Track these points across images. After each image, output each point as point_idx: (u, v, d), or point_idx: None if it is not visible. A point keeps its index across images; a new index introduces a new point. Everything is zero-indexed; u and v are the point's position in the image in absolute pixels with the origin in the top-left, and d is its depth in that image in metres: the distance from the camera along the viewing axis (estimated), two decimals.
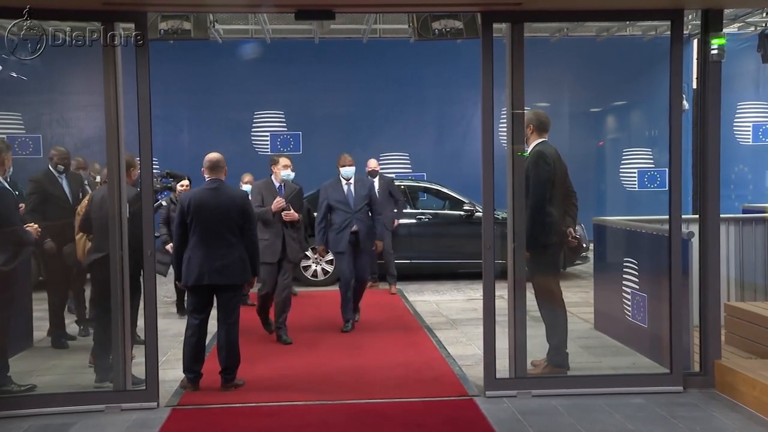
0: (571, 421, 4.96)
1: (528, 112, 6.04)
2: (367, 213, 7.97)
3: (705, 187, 5.72)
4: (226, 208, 5.70)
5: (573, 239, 6.19)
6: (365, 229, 7.90)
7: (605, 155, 15.17)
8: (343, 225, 7.83)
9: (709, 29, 5.66)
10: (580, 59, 14.11)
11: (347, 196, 7.91)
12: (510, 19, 5.59)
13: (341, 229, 7.83)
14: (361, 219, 7.87)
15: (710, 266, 5.71)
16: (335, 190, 7.95)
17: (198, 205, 5.72)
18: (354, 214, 7.84)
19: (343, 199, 7.89)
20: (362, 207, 7.90)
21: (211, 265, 5.64)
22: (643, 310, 6.54)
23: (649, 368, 6.05)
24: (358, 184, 7.99)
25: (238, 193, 5.99)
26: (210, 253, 5.65)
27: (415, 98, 14.21)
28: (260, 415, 5.15)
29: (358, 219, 7.85)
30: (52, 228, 6.60)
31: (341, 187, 7.95)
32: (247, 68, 14.31)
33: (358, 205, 7.88)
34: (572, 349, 7.01)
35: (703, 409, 5.19)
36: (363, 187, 8.02)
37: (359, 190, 7.95)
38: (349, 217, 7.83)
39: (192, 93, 14.24)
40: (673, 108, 5.67)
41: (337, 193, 7.91)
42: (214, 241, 5.67)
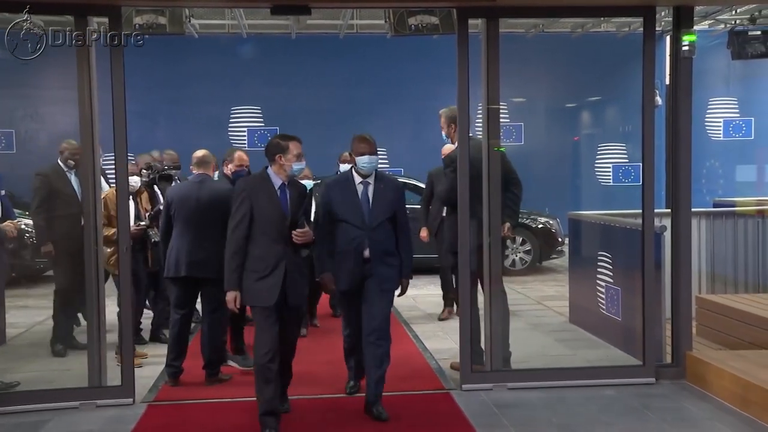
0: (546, 414, 5.00)
1: (448, 109, 6.01)
2: (389, 232, 5.10)
3: (677, 182, 5.78)
4: (209, 202, 5.67)
5: (506, 235, 5.87)
6: (383, 256, 5.04)
7: (580, 150, 15.28)
8: (348, 248, 5.03)
9: (681, 26, 5.70)
10: (556, 55, 14.19)
11: (361, 202, 5.07)
12: (485, 14, 5.61)
13: (345, 254, 5.04)
14: (379, 240, 5.03)
15: (682, 260, 5.77)
16: (343, 191, 5.12)
17: (181, 199, 5.75)
18: (368, 232, 5.02)
19: (354, 206, 5.06)
20: (383, 221, 5.07)
21: (190, 258, 5.63)
22: (617, 303, 6.60)
23: (622, 360, 6.11)
24: (381, 184, 5.14)
25: (223, 187, 5.91)
26: (190, 246, 5.64)
27: (392, 94, 14.20)
28: (238, 411, 5.13)
29: (374, 240, 5.01)
30: (60, 226, 6.23)
31: (352, 188, 5.10)
32: (224, 63, 14.22)
33: (378, 218, 5.03)
34: (547, 342, 7.10)
35: (675, 400, 5.26)
36: (387, 189, 5.14)
37: (382, 194, 5.10)
38: (359, 236, 5.02)
39: (168, 88, 14.13)
40: (645, 104, 5.72)
41: (345, 198, 5.09)
42: (194, 234, 5.65)
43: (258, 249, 4.62)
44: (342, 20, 13.41)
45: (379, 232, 5.04)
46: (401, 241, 5.14)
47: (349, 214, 5.05)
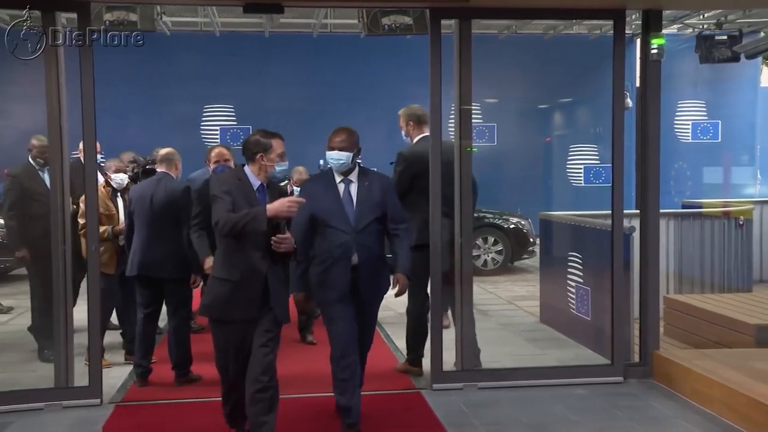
0: (516, 413, 5.02)
1: (406, 108, 6.01)
2: (378, 234, 4.61)
3: (645, 183, 5.84)
4: (163, 201, 5.60)
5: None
6: (373, 262, 4.54)
7: (553, 151, 15.39)
8: (334, 255, 4.47)
9: (650, 29, 5.77)
10: (528, 56, 14.26)
11: (344, 203, 4.53)
12: (458, 15, 5.62)
13: (331, 263, 4.48)
14: (368, 245, 4.50)
15: (650, 260, 5.83)
16: (324, 191, 4.57)
17: (138, 197, 5.70)
18: (355, 236, 4.48)
19: (337, 208, 4.51)
20: (371, 223, 4.53)
21: (143, 257, 5.58)
22: (587, 303, 6.66)
23: (592, 360, 6.16)
24: (365, 181, 4.60)
25: (180, 186, 5.82)
26: (144, 244, 5.60)
27: (365, 93, 14.19)
28: (208, 411, 5.06)
29: (362, 245, 4.49)
30: (35, 227, 5.96)
31: (334, 187, 4.57)
32: (197, 61, 14.10)
33: (364, 220, 4.50)
34: (518, 341, 7.14)
35: (642, 399, 5.32)
36: (373, 187, 4.60)
37: (367, 193, 4.56)
38: (346, 241, 4.46)
39: (140, 85, 13.97)
40: (615, 106, 5.77)
41: (326, 198, 4.54)
42: (148, 233, 5.60)
43: (230, 254, 4.07)
44: (316, 19, 13.37)
45: (368, 236, 4.51)
46: (398, 233, 4.66)
47: (332, 217, 4.45)
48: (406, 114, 6.00)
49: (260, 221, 3.93)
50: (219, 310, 4.11)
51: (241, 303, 4.05)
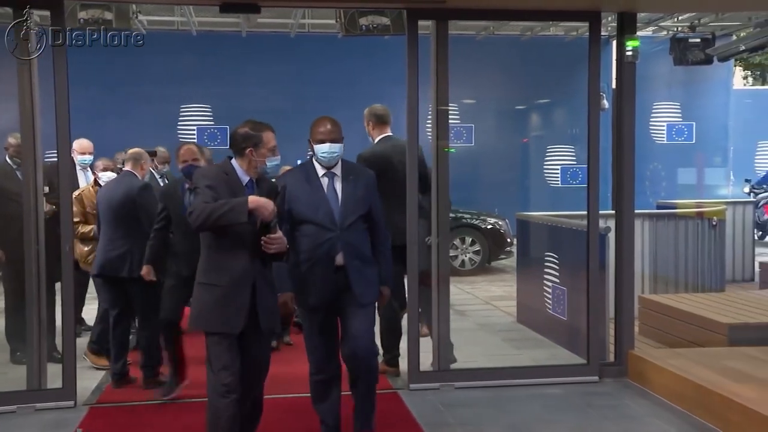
0: (492, 412, 5.05)
1: (369, 107, 5.97)
2: (365, 233, 4.29)
3: (621, 184, 5.89)
4: (119, 201, 5.52)
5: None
6: (359, 262, 4.20)
7: (530, 152, 15.47)
8: (316, 255, 4.14)
9: (624, 31, 5.82)
10: (506, 57, 14.33)
11: (328, 198, 4.21)
12: (435, 16, 5.64)
13: (313, 263, 4.15)
14: (353, 242, 4.19)
15: (625, 260, 5.89)
16: (306, 184, 4.24)
17: (101, 197, 5.67)
18: (340, 234, 4.16)
19: (320, 203, 4.18)
20: (357, 220, 4.22)
21: (102, 256, 5.55)
22: (563, 303, 6.70)
23: (568, 359, 6.21)
24: (350, 176, 4.29)
25: (137, 183, 5.64)
26: (106, 244, 5.55)
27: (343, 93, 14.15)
28: (184, 411, 5.05)
29: (347, 243, 4.16)
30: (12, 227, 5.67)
31: (316, 180, 4.25)
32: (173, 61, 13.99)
33: (350, 216, 4.19)
34: (495, 341, 7.17)
35: (617, 398, 5.37)
36: (358, 181, 4.30)
37: (352, 188, 4.25)
38: (330, 240, 4.14)
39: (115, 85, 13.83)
40: (591, 107, 5.82)
41: (308, 192, 4.21)
42: (110, 232, 5.55)
43: (217, 257, 3.71)
44: (293, 19, 13.33)
45: (353, 233, 4.18)
46: (378, 243, 4.32)
47: (314, 214, 4.12)
48: (366, 114, 5.97)
49: (239, 212, 3.54)
50: (210, 320, 3.71)
51: (229, 312, 3.68)
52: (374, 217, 4.32)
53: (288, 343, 6.75)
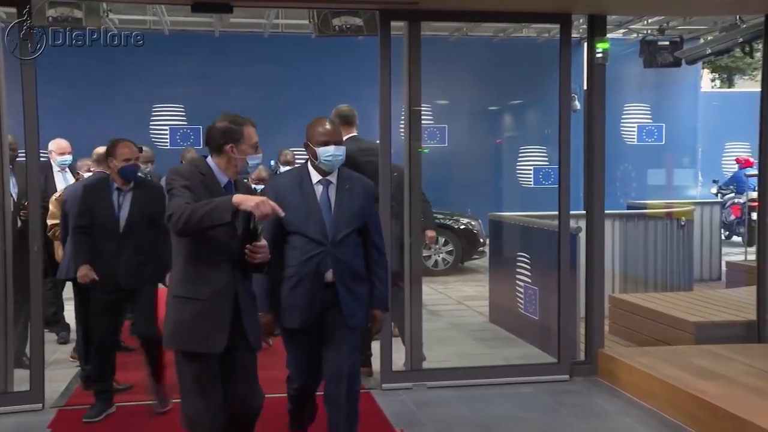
0: (464, 411, 5.07)
1: (335, 108, 5.87)
2: (358, 248, 3.88)
3: (591, 184, 5.95)
4: (69, 201, 5.35)
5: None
6: (350, 280, 3.82)
7: (503, 152, 15.56)
8: (303, 270, 3.76)
9: (595, 34, 5.88)
10: (479, 59, 14.40)
11: (321, 207, 3.80)
12: (407, 17, 5.65)
13: (299, 280, 3.77)
14: (345, 258, 3.80)
15: (596, 260, 5.94)
16: (298, 191, 3.82)
17: (68, 199, 5.44)
18: (331, 248, 3.77)
19: (311, 214, 3.78)
20: (350, 233, 3.82)
21: (67, 260, 5.43)
22: (535, 303, 6.75)
23: (539, 358, 6.25)
24: (346, 184, 3.88)
25: (82, 182, 5.42)
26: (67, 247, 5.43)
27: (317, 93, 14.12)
28: (154, 414, 5.00)
29: (339, 258, 3.77)
30: None
31: (309, 189, 3.83)
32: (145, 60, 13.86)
33: (343, 229, 3.80)
34: (467, 341, 7.20)
35: (587, 396, 5.42)
36: (355, 190, 3.89)
37: (348, 197, 3.85)
38: (319, 254, 3.75)
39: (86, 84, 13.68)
40: (562, 108, 5.86)
41: (300, 200, 3.79)
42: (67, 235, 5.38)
43: (199, 269, 3.30)
44: (266, 19, 13.28)
45: (345, 248, 3.78)
46: (374, 262, 3.92)
47: (305, 224, 3.68)
48: (332, 115, 5.93)
49: (223, 210, 3.10)
50: (183, 339, 3.29)
51: (210, 329, 3.28)
52: (371, 231, 3.91)
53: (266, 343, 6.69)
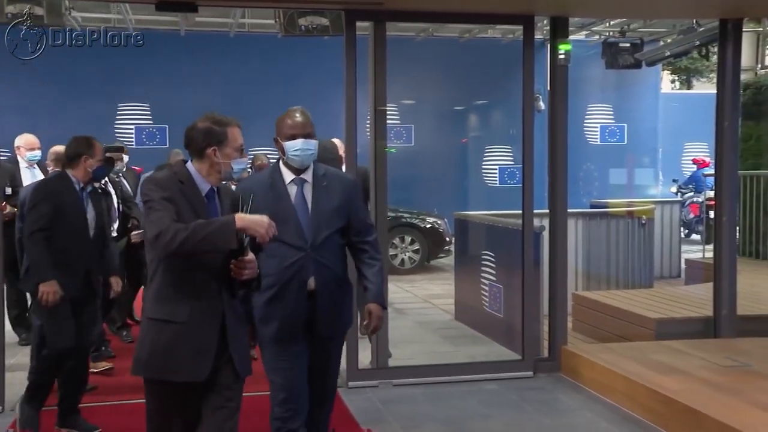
0: (429, 408, 5.10)
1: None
2: (340, 250, 3.58)
3: (554, 184, 6.01)
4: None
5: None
6: (335, 287, 3.52)
7: (469, 152, 15.63)
8: (283, 278, 3.42)
9: (557, 35, 5.94)
10: (445, 59, 14.44)
11: (297, 209, 3.46)
12: (372, 18, 5.66)
13: (279, 289, 3.41)
14: (328, 264, 3.47)
15: (559, 258, 6.00)
16: (270, 192, 3.46)
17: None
18: (312, 252, 3.43)
19: (287, 216, 3.39)
20: (331, 235, 3.48)
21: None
22: (499, 301, 6.80)
23: (503, 356, 6.29)
24: (323, 182, 3.53)
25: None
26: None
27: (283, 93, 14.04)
28: (121, 414, 4.94)
29: (321, 264, 3.45)
30: None
31: (281, 189, 3.48)
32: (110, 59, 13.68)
33: (323, 231, 3.46)
34: (433, 339, 7.23)
35: (550, 392, 5.48)
36: (333, 189, 3.54)
37: (326, 196, 3.50)
38: (299, 259, 3.41)
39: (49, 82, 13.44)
40: (525, 108, 5.92)
41: (273, 202, 3.41)
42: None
43: (180, 288, 2.92)
44: (233, 18, 13.19)
45: (327, 252, 3.45)
46: (368, 253, 3.60)
47: (281, 229, 3.07)
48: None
49: (226, 234, 2.79)
50: (159, 367, 2.91)
51: (190, 355, 2.88)
52: (359, 227, 3.59)
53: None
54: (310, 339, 3.51)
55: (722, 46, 6.29)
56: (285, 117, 3.55)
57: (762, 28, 11.65)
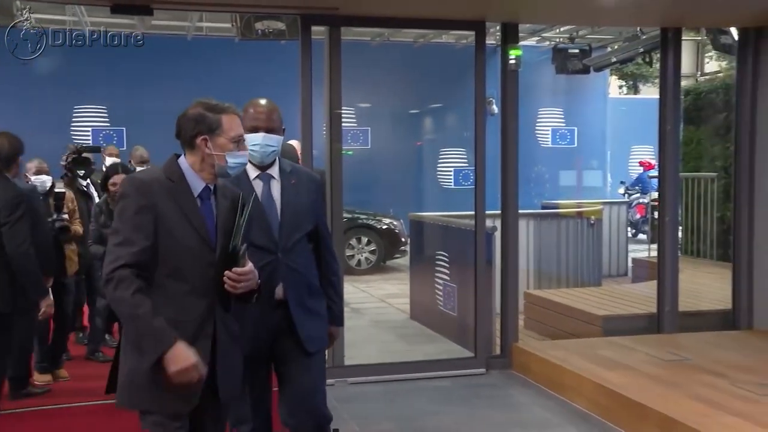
0: (384, 406, 5.12)
1: None
2: (309, 254, 3.18)
3: (506, 186, 6.08)
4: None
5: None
6: (305, 296, 3.10)
7: (424, 154, 15.72)
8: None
9: (508, 41, 6.02)
10: (400, 63, 14.50)
11: (265, 208, 3.06)
12: (328, 22, 5.66)
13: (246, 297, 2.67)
14: (298, 269, 3.08)
15: (510, 258, 6.08)
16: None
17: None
18: (281, 257, 3.03)
19: (255, 215, 2.83)
20: (300, 238, 3.11)
21: None
22: (453, 300, 6.85)
23: (457, 353, 6.34)
24: (291, 179, 3.15)
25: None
26: None
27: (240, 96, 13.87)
28: (66, 417, 4.87)
29: (291, 269, 3.05)
30: None
31: (247, 185, 3.05)
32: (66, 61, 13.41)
33: (294, 233, 3.08)
34: (389, 338, 7.25)
35: (501, 388, 5.54)
36: (302, 186, 3.17)
37: (295, 194, 3.12)
38: (268, 265, 2.96)
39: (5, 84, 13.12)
40: (477, 112, 5.98)
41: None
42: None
43: (163, 305, 2.46)
44: (190, 22, 13.04)
45: (298, 256, 3.06)
46: (329, 271, 3.23)
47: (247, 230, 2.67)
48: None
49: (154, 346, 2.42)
50: (150, 394, 2.50)
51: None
52: (323, 234, 3.22)
53: None
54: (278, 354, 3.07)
55: (664, 54, 6.44)
56: (248, 106, 3.22)
57: (701, 38, 11.95)
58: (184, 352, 2.42)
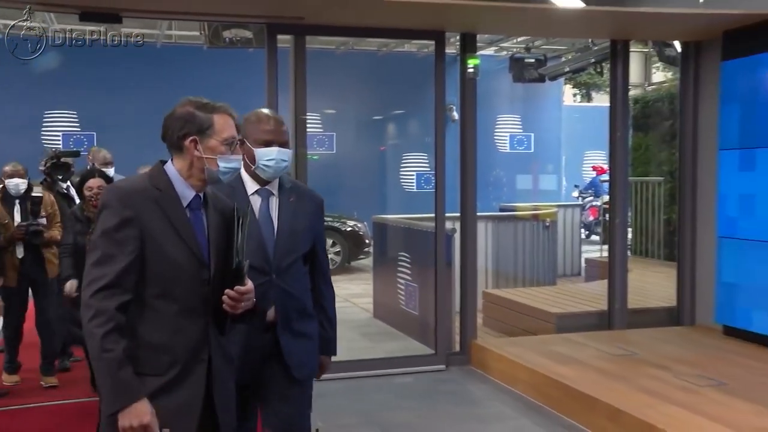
0: (346, 402, 5.13)
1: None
2: (304, 276, 2.86)
3: (465, 189, 6.14)
4: None
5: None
6: (297, 320, 2.79)
7: (387, 159, 15.75)
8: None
9: (466, 50, 6.07)
10: (364, 71, 14.53)
11: (261, 227, 2.73)
12: (293, 31, 5.67)
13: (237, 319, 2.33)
14: (292, 292, 2.76)
15: (469, 258, 6.13)
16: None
17: None
18: (275, 278, 2.71)
19: (251, 233, 2.39)
20: (296, 259, 2.79)
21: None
22: (415, 299, 6.88)
23: (418, 350, 6.38)
24: (291, 196, 2.83)
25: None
26: None
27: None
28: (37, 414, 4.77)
29: (284, 291, 2.74)
30: None
31: (245, 202, 2.70)
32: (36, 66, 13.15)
33: (290, 254, 2.76)
34: (353, 336, 7.24)
35: (460, 384, 5.59)
36: (302, 205, 2.84)
37: (293, 213, 2.80)
38: (261, 286, 2.51)
39: None
40: (437, 118, 6.02)
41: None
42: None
43: (153, 329, 2.16)
44: (159, 30, 12.90)
45: (293, 279, 2.78)
46: (324, 294, 2.99)
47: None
48: None
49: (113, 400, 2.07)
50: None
51: (170, 415, 2.14)
52: (320, 259, 2.95)
53: None
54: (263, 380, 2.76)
55: (613, 64, 6.57)
56: (258, 120, 2.84)
57: (648, 49, 12.18)
58: (141, 410, 2.07)
